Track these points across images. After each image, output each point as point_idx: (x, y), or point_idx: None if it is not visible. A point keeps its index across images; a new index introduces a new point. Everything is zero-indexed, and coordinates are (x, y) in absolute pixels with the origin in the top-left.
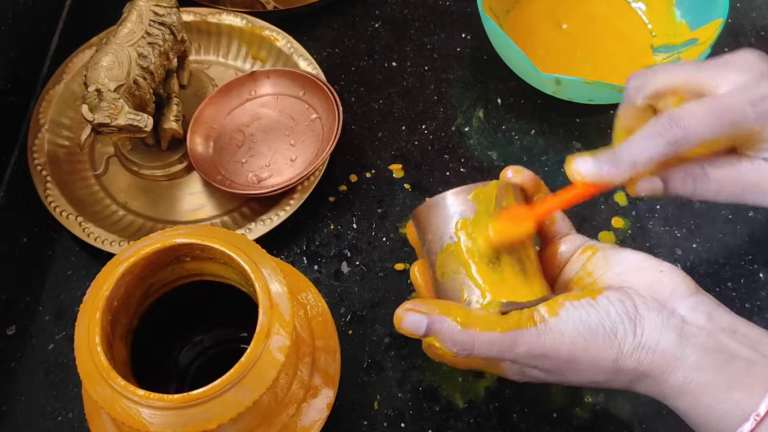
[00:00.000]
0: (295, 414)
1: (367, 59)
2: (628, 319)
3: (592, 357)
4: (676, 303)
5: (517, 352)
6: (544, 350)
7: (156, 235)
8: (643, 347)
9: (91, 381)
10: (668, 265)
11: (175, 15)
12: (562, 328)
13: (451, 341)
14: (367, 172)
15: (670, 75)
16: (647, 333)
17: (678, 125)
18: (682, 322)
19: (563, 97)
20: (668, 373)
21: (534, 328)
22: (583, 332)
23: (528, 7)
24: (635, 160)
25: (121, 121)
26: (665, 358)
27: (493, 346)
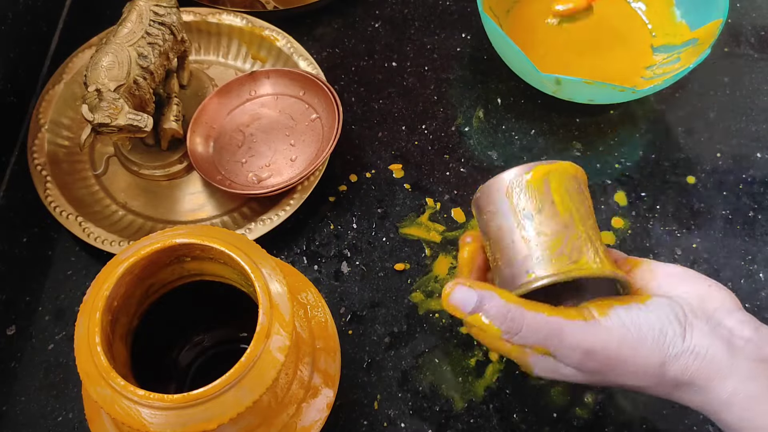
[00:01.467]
0: (295, 414)
1: (367, 59)
2: (678, 323)
3: (639, 359)
4: (723, 315)
5: (563, 341)
6: (591, 345)
7: (156, 235)
8: (691, 352)
9: (91, 381)
10: (714, 282)
11: (175, 15)
12: (612, 327)
13: (500, 318)
14: (367, 172)
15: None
16: (696, 339)
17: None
18: (730, 333)
19: (563, 97)
20: (716, 381)
21: (583, 321)
22: (633, 332)
23: (528, 6)
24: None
25: (121, 121)
26: (713, 367)
27: (540, 331)
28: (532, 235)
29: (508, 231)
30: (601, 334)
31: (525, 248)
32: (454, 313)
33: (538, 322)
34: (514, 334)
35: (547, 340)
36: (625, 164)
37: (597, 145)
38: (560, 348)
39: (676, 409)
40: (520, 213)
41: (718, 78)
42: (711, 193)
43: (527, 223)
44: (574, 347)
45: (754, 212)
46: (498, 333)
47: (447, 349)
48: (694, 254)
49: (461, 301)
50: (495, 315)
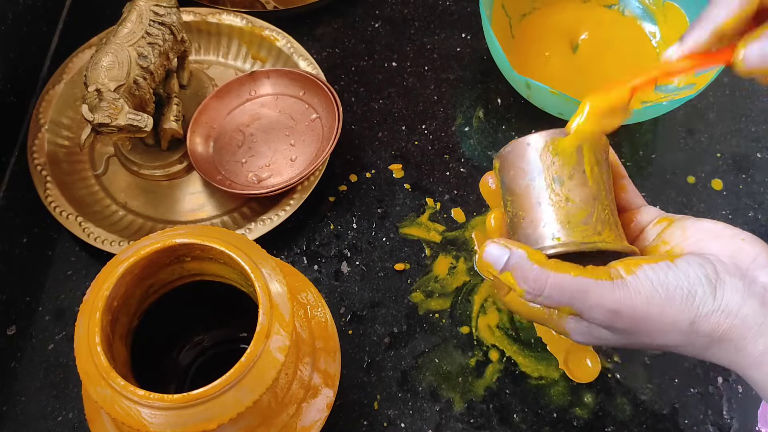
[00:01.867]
0: (295, 414)
1: (367, 59)
2: (708, 282)
3: (668, 317)
4: (757, 271)
5: (589, 302)
6: (618, 305)
7: (156, 235)
8: (722, 311)
9: (91, 381)
10: (749, 235)
11: (175, 15)
12: (639, 287)
13: (523, 278)
14: (367, 172)
15: None
16: (728, 297)
17: None
18: (764, 289)
19: (536, 104)
20: (749, 339)
21: (609, 281)
22: (661, 292)
23: (545, 17)
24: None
25: (121, 121)
26: (746, 324)
27: (565, 290)
28: (561, 200)
29: (536, 191)
30: (627, 294)
31: (552, 212)
32: (487, 271)
33: (562, 281)
34: (537, 295)
35: (573, 300)
36: (625, 164)
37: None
38: (586, 308)
39: (677, 408)
40: (551, 176)
41: (718, 78)
42: (711, 193)
43: (557, 187)
44: (600, 306)
45: (754, 212)
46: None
47: (447, 349)
48: None
49: (494, 256)
50: (520, 274)
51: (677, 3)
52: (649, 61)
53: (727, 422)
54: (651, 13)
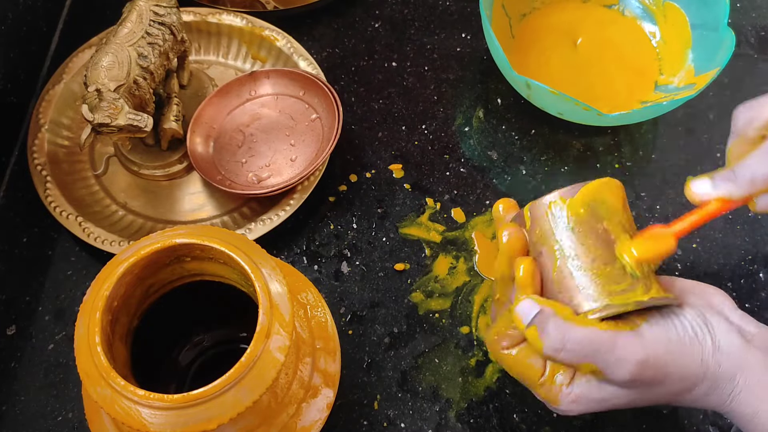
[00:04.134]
0: (295, 414)
1: (367, 59)
2: (704, 325)
3: (683, 361)
4: (729, 313)
5: (616, 355)
6: (644, 355)
7: (156, 235)
8: (719, 350)
9: (91, 381)
10: (713, 287)
11: (175, 15)
12: (656, 334)
13: (546, 332)
14: (367, 172)
15: None
16: (719, 336)
17: None
18: (739, 328)
19: (536, 104)
20: (738, 375)
21: (632, 331)
22: (674, 336)
23: (545, 17)
24: (753, 176)
25: (121, 121)
26: (736, 360)
27: (589, 345)
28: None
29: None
30: (649, 342)
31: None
32: (517, 324)
33: (587, 335)
34: (558, 349)
35: (597, 354)
36: (625, 164)
37: (597, 145)
38: (612, 362)
39: (677, 409)
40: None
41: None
42: None
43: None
44: (628, 359)
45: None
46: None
47: (447, 349)
48: (694, 254)
49: (524, 313)
50: (544, 329)
51: (677, 3)
52: (648, 62)
53: (727, 422)
54: (651, 13)
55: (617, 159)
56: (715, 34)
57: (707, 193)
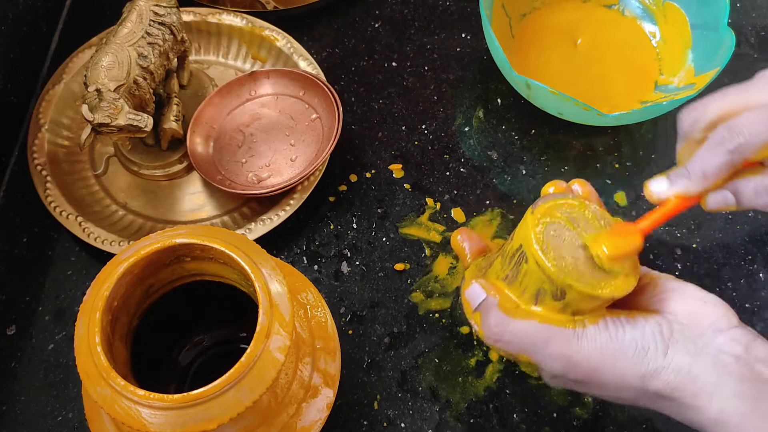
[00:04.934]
0: (295, 414)
1: (367, 59)
2: (661, 340)
3: (618, 370)
4: (714, 334)
5: (549, 349)
6: (572, 354)
7: (156, 235)
8: (672, 369)
9: (91, 381)
10: (714, 298)
11: (175, 15)
12: (596, 337)
13: (486, 322)
14: (367, 172)
15: (720, 103)
16: (678, 356)
17: (737, 132)
18: (717, 351)
19: (536, 104)
20: (702, 399)
21: (572, 329)
22: (615, 345)
23: (545, 17)
24: (704, 171)
25: (121, 121)
26: (697, 384)
27: (525, 338)
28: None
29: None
30: (584, 345)
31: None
32: (465, 306)
33: (523, 329)
34: (496, 340)
35: (533, 348)
36: (625, 164)
37: (597, 144)
38: (545, 356)
39: None
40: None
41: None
42: None
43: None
44: (557, 356)
45: (754, 212)
46: (482, 336)
47: (447, 349)
48: (694, 254)
49: (472, 295)
50: (485, 318)
51: (677, 3)
52: (648, 62)
53: None
54: (651, 13)
55: (617, 159)
56: (715, 34)
57: (664, 191)
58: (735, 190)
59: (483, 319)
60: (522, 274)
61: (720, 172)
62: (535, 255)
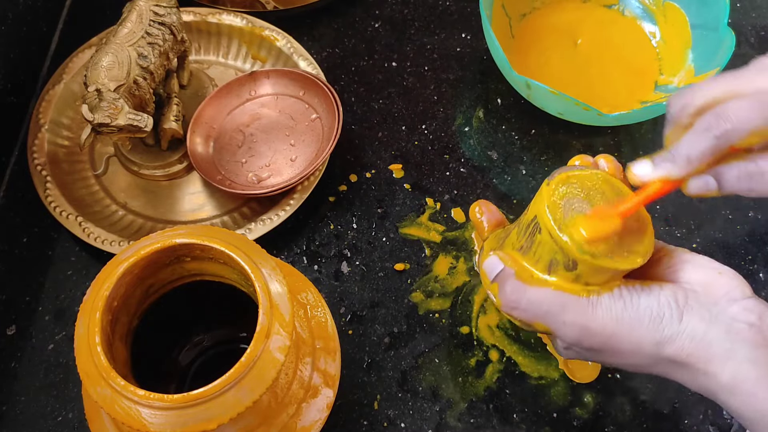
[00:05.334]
0: (295, 414)
1: (367, 59)
2: (676, 307)
3: (634, 337)
4: (728, 303)
5: (564, 317)
6: (588, 321)
7: (156, 235)
8: (687, 335)
9: (91, 381)
10: (728, 269)
11: (175, 15)
12: (611, 305)
13: (503, 291)
14: (367, 172)
15: (710, 90)
16: (693, 322)
17: (724, 119)
18: (731, 319)
19: (536, 104)
20: (715, 365)
21: (586, 298)
22: (631, 312)
23: (545, 17)
24: (689, 155)
25: (121, 121)
26: (711, 350)
27: (541, 305)
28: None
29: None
30: (599, 313)
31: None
32: (483, 278)
33: (539, 297)
34: (513, 308)
35: (548, 315)
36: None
37: (597, 144)
38: (560, 324)
39: (677, 408)
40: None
41: None
42: None
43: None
44: (572, 323)
45: (754, 212)
46: (499, 305)
47: (447, 349)
48: None
49: (490, 268)
50: (502, 287)
51: (677, 3)
52: (648, 62)
53: (727, 422)
54: (651, 13)
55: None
56: (715, 34)
57: (648, 174)
58: (718, 174)
59: (500, 288)
60: (536, 245)
61: (704, 157)
62: (547, 225)
